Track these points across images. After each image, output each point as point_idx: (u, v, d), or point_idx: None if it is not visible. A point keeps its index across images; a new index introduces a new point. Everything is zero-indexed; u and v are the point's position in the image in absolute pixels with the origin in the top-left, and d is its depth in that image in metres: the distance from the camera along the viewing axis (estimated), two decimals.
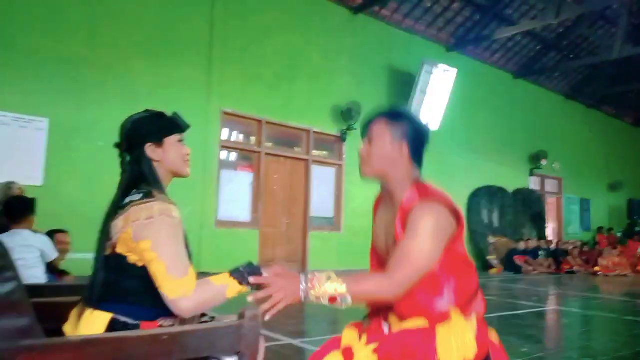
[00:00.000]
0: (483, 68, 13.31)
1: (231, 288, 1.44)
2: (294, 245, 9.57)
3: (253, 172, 9.15)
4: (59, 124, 6.82)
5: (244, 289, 1.46)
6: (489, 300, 7.33)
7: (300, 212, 9.69)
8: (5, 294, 1.05)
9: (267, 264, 8.91)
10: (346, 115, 9.89)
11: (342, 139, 10.16)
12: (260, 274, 1.45)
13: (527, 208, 14.02)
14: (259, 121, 9.13)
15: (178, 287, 1.35)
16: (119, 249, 1.42)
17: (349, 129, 10.02)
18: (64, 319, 1.51)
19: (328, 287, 1.38)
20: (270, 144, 9.43)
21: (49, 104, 6.77)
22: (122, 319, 1.38)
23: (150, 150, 1.56)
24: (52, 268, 4.12)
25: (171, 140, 1.60)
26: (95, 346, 1.12)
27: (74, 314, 1.48)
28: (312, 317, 5.51)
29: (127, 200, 1.46)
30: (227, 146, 8.90)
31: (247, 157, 9.27)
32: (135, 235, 1.39)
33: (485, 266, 12.14)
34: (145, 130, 1.56)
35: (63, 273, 4.41)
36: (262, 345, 1.65)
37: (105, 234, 1.45)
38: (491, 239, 12.65)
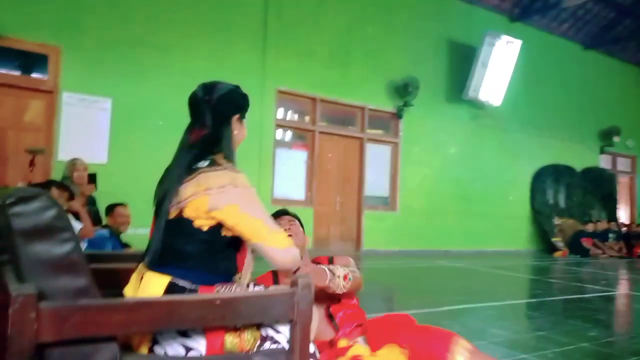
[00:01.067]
0: (550, 39, 12.55)
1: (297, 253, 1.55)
2: (348, 225, 9.54)
3: (307, 151, 9.15)
4: (121, 104, 7.07)
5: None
6: (554, 283, 7.02)
7: (354, 191, 9.62)
8: (64, 253, 1.07)
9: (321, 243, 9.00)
10: (402, 91, 9.65)
11: (398, 115, 9.94)
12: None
13: (597, 188, 13.24)
14: (313, 99, 9.08)
15: (284, 239, 1.43)
16: (186, 214, 1.42)
17: (406, 105, 9.77)
18: (124, 285, 1.54)
19: (342, 269, 2.12)
20: (324, 123, 9.37)
21: (112, 84, 7.03)
22: (181, 282, 1.39)
23: (234, 121, 1.61)
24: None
25: (244, 122, 1.69)
26: (149, 308, 1.13)
27: (134, 277, 1.51)
28: (366, 295, 5.47)
29: (195, 166, 1.46)
30: (282, 125, 8.93)
31: (302, 135, 9.27)
32: (212, 205, 1.39)
33: (549, 248, 11.63)
34: (239, 102, 1.64)
35: (125, 246, 4.59)
36: (316, 314, 1.62)
37: (170, 198, 1.44)
38: (557, 221, 12.08)
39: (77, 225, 3.36)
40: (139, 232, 6.00)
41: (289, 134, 9.27)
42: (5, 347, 0.94)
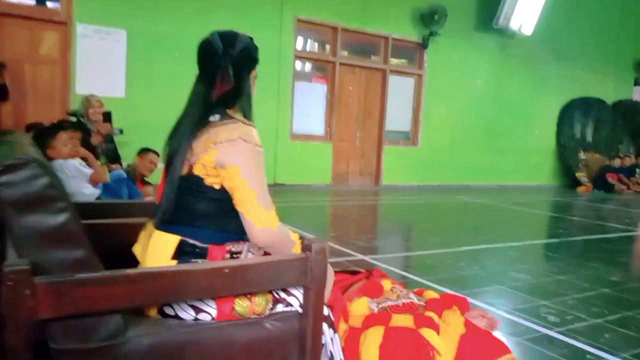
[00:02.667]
0: None
1: (297, 248, 1.42)
2: (368, 160, 9.44)
3: (327, 84, 8.88)
4: (137, 36, 6.85)
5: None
6: (576, 221, 6.92)
7: (375, 125, 9.42)
8: (58, 224, 1.00)
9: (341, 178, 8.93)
10: (428, 19, 9.13)
11: (423, 45, 9.48)
12: None
13: (627, 122, 12.71)
14: (334, 28, 8.67)
15: (266, 219, 1.34)
16: (197, 171, 1.36)
17: (432, 34, 9.28)
18: (135, 239, 1.49)
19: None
20: (345, 53, 9.01)
21: (126, 14, 6.77)
22: (191, 241, 1.34)
23: (253, 76, 1.52)
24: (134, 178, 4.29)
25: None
26: (153, 280, 1.07)
27: (142, 235, 1.45)
28: (385, 233, 5.48)
29: (207, 120, 1.39)
30: (301, 56, 8.62)
31: (322, 67, 8.96)
32: (218, 160, 1.33)
33: (573, 183, 11.42)
34: (257, 55, 1.52)
35: (145, 183, 4.58)
36: (331, 277, 1.57)
37: (181, 154, 1.38)
38: (582, 155, 11.75)
39: (87, 171, 3.33)
40: (158, 168, 6.03)
41: (308, 66, 8.97)
42: (3, 324, 0.90)
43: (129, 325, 1.12)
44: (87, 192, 3.21)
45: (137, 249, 1.44)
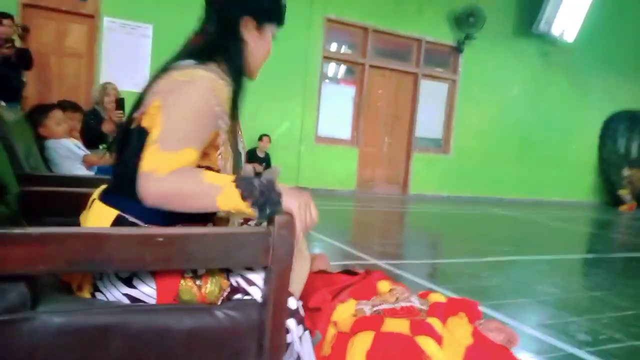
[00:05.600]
0: None
1: (227, 196, 1.01)
2: (396, 167, 9.12)
3: (355, 86, 8.64)
4: (163, 30, 6.80)
5: (246, 207, 1.02)
6: (618, 239, 6.43)
7: (404, 131, 9.11)
8: None
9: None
10: (464, 21, 8.80)
11: (458, 50, 9.14)
12: (278, 200, 1.05)
13: None
14: (365, 29, 8.45)
15: (155, 160, 0.99)
16: (145, 123, 1.10)
17: (468, 38, 8.94)
18: None
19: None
20: (375, 55, 8.76)
21: (153, 9, 6.75)
22: (131, 218, 1.09)
23: (247, 27, 1.24)
24: None
25: (269, 30, 1.29)
26: (61, 242, 0.86)
27: (90, 203, 1.23)
28: (404, 240, 5.18)
29: (174, 64, 1.14)
30: (329, 57, 8.42)
31: (350, 69, 8.74)
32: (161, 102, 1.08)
33: (615, 202, 10.76)
34: (259, 3, 1.26)
35: None
36: (305, 261, 1.33)
37: (136, 103, 1.15)
38: (626, 172, 11.08)
39: (80, 153, 3.23)
40: None
41: (336, 68, 8.77)
42: None
43: (41, 298, 0.92)
44: (79, 174, 3.10)
45: (82, 218, 1.23)
